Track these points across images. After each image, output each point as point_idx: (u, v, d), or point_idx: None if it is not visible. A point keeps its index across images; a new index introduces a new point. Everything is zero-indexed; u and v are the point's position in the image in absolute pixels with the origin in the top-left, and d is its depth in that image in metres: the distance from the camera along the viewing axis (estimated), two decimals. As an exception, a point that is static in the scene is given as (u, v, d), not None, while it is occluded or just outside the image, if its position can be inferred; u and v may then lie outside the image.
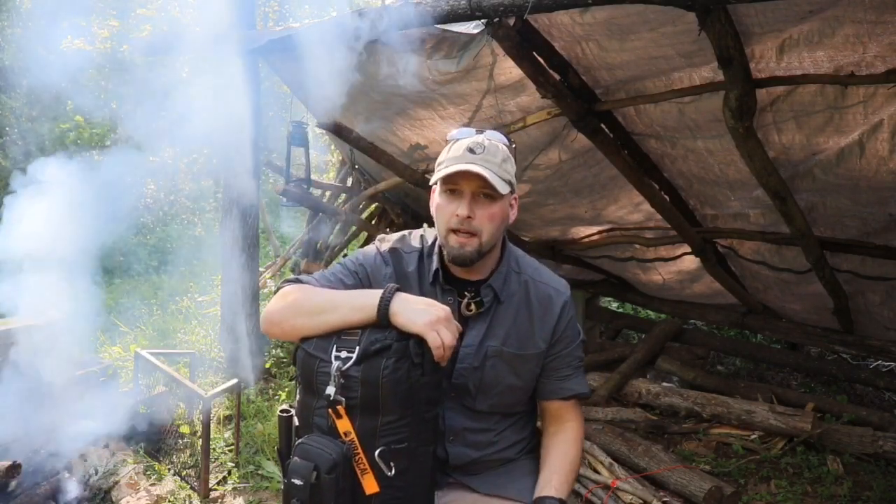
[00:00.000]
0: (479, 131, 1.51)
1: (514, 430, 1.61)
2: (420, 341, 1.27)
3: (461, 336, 1.39)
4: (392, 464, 1.25)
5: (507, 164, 1.47)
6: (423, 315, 1.28)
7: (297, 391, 1.37)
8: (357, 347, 1.27)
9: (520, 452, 1.62)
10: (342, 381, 1.25)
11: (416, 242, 1.60)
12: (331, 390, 1.25)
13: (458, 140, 1.49)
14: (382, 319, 1.30)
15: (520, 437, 1.63)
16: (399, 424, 1.26)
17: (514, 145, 1.56)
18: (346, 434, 1.25)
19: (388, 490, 1.26)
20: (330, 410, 1.25)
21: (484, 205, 1.44)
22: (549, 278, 1.60)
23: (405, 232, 1.65)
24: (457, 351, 1.46)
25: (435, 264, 1.54)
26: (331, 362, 1.27)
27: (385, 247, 1.60)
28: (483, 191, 1.43)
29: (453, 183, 1.45)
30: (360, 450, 1.24)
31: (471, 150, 1.43)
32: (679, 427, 3.87)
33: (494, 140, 1.49)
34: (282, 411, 1.38)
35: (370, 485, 1.24)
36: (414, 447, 1.28)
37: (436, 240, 1.57)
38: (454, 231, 1.45)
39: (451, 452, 1.53)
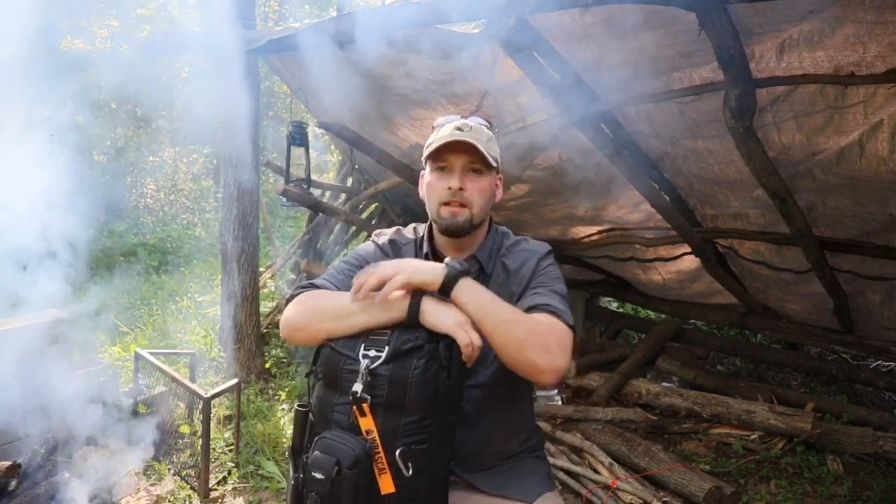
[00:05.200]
0: (464, 117, 1.59)
1: (516, 419, 1.62)
2: (449, 344, 1.29)
3: None
4: (410, 464, 1.25)
5: (492, 143, 1.55)
6: (452, 316, 1.32)
7: (315, 387, 1.37)
8: (387, 347, 1.29)
9: (522, 445, 1.63)
10: (369, 379, 1.26)
11: (410, 234, 1.68)
12: (357, 387, 1.25)
13: (444, 124, 1.57)
14: (412, 319, 1.32)
15: (520, 428, 1.63)
16: (421, 425, 1.27)
17: (496, 129, 1.63)
18: (367, 432, 1.25)
19: (404, 491, 1.26)
20: (354, 408, 1.26)
21: (473, 178, 1.51)
22: (528, 244, 1.62)
23: (397, 227, 1.72)
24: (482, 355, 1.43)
25: (426, 250, 1.61)
26: (359, 360, 1.28)
27: (383, 239, 1.67)
28: (472, 165, 1.51)
29: (443, 160, 1.52)
30: (380, 449, 1.25)
31: (459, 129, 1.51)
32: (679, 427, 3.87)
33: (479, 123, 1.57)
34: (299, 405, 1.38)
35: (387, 484, 1.25)
36: (433, 449, 1.29)
37: (426, 230, 1.64)
38: (446, 204, 1.50)
39: None
